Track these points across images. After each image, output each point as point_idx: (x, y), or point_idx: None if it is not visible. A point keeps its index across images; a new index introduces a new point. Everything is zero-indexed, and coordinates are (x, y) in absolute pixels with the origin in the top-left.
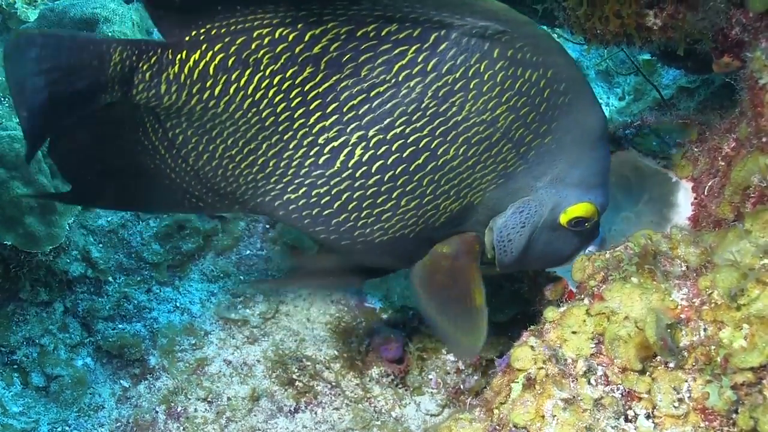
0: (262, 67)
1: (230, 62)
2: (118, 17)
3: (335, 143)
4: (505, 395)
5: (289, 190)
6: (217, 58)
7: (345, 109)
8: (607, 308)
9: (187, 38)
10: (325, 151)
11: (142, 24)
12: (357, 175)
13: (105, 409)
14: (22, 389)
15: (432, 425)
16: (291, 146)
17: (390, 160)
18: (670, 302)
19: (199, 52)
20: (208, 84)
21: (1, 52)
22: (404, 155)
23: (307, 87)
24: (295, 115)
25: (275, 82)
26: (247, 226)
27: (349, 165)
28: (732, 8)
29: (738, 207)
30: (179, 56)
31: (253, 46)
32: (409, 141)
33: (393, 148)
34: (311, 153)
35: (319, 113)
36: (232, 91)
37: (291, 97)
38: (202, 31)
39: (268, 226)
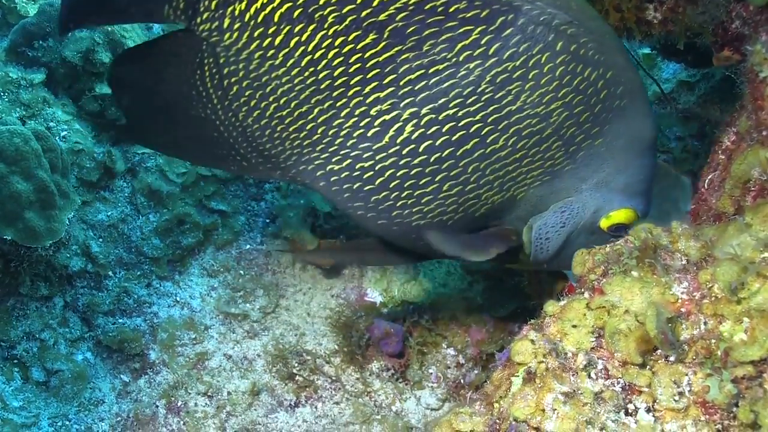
0: (326, 26)
1: (296, 13)
2: None
3: (387, 117)
4: (505, 389)
5: (333, 160)
6: (285, 6)
7: (402, 83)
8: (607, 302)
9: None
10: (376, 124)
11: None
12: (404, 152)
13: (105, 403)
14: (23, 384)
15: (432, 419)
16: (342, 114)
17: (439, 142)
18: (670, 296)
19: None
20: (270, 31)
21: None
22: (453, 138)
23: (367, 54)
24: (352, 82)
25: (337, 43)
26: (247, 220)
27: (398, 141)
28: (732, 2)
29: (738, 200)
30: None
31: (321, 2)
32: (460, 124)
33: (443, 130)
34: (361, 124)
35: (375, 83)
36: (292, 44)
37: (350, 62)
38: None
39: (268, 221)
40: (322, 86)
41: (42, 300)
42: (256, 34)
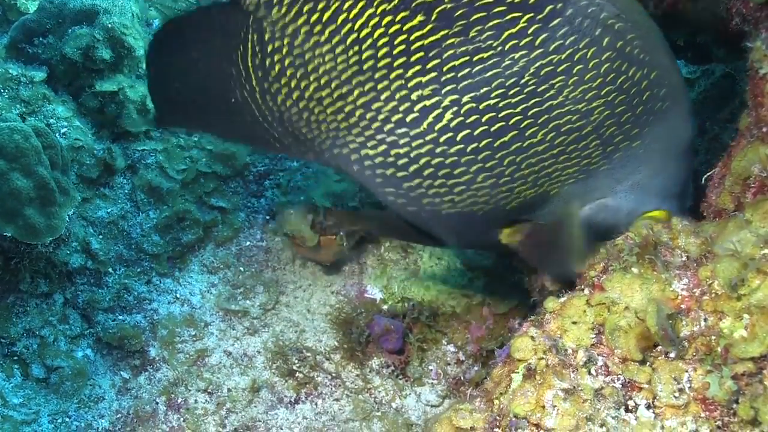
0: (375, 4)
1: None
2: (117, 8)
3: (427, 102)
4: (505, 385)
5: (369, 145)
6: None
7: (445, 69)
8: (607, 298)
9: None
10: (415, 109)
11: (142, 16)
12: (441, 140)
13: (105, 400)
14: (23, 381)
15: (432, 416)
16: (383, 97)
17: (477, 132)
18: (670, 292)
19: None
20: (320, 6)
21: None
22: (492, 129)
23: (413, 36)
24: (395, 64)
25: (384, 23)
26: (247, 217)
27: (436, 128)
28: None
29: (738, 197)
30: None
31: None
32: (500, 116)
33: (483, 120)
34: (401, 108)
35: (418, 67)
36: (339, 21)
37: (395, 43)
38: None
39: (268, 217)
40: (365, 66)
41: (42, 297)
42: (305, 8)
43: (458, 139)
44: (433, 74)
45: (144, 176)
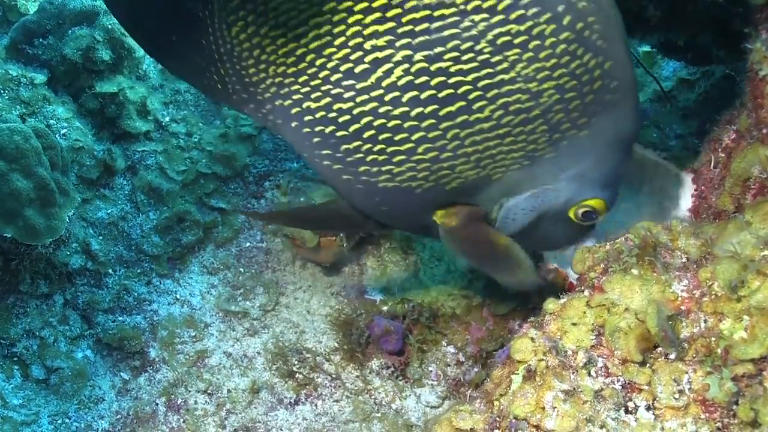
0: None
1: None
2: None
3: (379, 54)
4: (505, 387)
5: (312, 96)
6: None
7: (404, 20)
8: (607, 300)
9: None
10: (366, 60)
11: None
12: (386, 99)
13: (105, 401)
14: (22, 381)
15: (432, 417)
16: (336, 43)
17: (424, 95)
18: (670, 294)
19: None
20: None
21: None
22: (440, 95)
23: None
24: (356, 8)
25: None
26: (247, 218)
27: (383, 84)
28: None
29: (738, 198)
30: None
31: None
32: (450, 81)
33: (431, 83)
34: (352, 57)
35: (378, 14)
36: None
37: None
38: None
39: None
40: (326, 7)
41: (42, 298)
42: None
43: (404, 100)
44: (391, 24)
45: (144, 177)
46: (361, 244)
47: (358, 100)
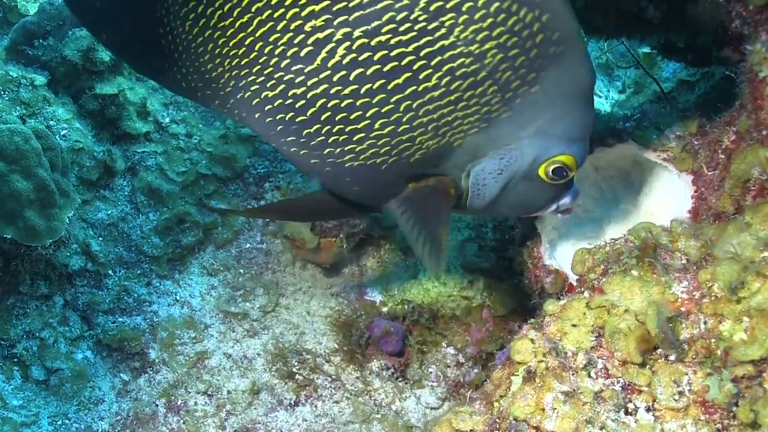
0: None
1: None
2: None
3: (320, 35)
4: (505, 388)
5: (268, 85)
6: None
7: None
8: (607, 301)
9: None
10: (309, 42)
11: None
12: (334, 79)
13: (105, 402)
14: (22, 382)
15: (432, 418)
16: (279, 27)
17: (370, 71)
18: (670, 295)
19: None
20: None
21: None
22: (385, 69)
23: None
24: None
25: None
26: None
27: (329, 65)
28: (731, 1)
29: (738, 200)
30: None
31: None
32: (392, 54)
33: (375, 58)
34: (296, 41)
35: None
36: None
37: None
38: None
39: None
40: None
41: (42, 299)
42: None
43: (352, 78)
44: (326, 2)
45: (144, 178)
46: (361, 245)
47: (309, 83)
